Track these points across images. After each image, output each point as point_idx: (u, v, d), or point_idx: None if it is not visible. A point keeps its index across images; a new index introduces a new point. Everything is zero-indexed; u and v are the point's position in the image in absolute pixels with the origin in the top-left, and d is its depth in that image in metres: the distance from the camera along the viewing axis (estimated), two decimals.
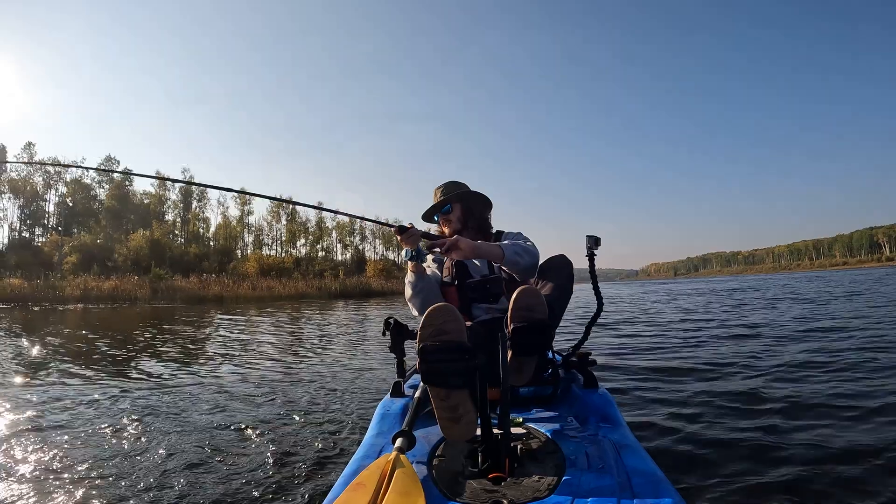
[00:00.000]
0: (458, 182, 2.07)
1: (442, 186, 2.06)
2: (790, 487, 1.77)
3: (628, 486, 1.09)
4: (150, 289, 24.40)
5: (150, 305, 21.00)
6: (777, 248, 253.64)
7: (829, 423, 2.40)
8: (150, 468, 2.12)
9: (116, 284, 24.85)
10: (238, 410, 3.04)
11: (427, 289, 1.82)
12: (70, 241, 39.19)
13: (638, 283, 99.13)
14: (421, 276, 1.81)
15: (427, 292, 1.81)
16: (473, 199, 2.03)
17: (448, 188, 2.04)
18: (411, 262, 1.78)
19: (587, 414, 1.57)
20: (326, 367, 4.62)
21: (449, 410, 1.25)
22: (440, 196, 2.02)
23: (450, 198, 1.99)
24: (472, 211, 2.01)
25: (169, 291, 24.68)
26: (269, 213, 63.21)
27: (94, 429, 2.71)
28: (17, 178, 46.35)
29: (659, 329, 6.82)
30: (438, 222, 2.07)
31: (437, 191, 2.06)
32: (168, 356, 5.81)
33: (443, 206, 2.00)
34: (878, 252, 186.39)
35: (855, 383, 3.12)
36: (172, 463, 2.17)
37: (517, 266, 1.73)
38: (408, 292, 1.83)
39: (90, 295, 22.95)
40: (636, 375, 3.70)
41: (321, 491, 1.81)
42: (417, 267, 1.80)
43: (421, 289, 1.81)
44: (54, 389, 3.73)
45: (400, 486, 1.02)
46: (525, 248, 1.74)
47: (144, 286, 24.79)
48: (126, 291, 23.92)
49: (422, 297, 1.80)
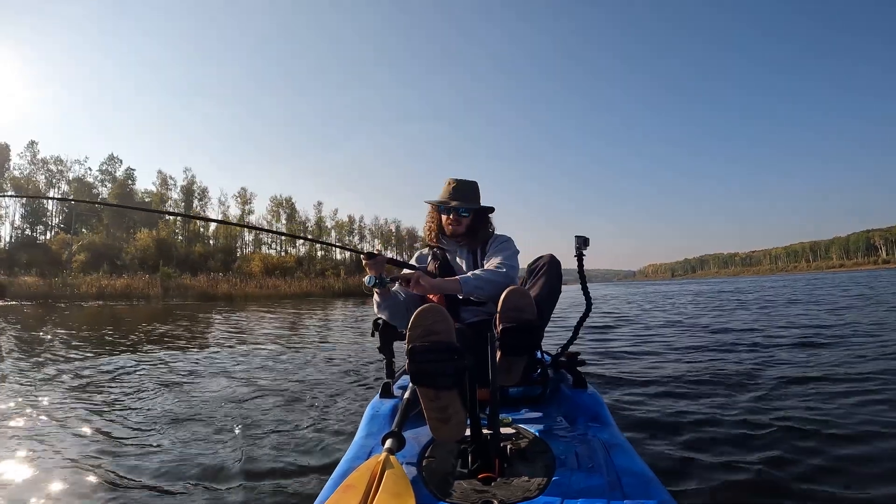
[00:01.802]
0: (472, 183, 2.05)
1: (456, 182, 2.02)
2: (780, 486, 1.79)
3: (618, 486, 1.10)
4: (161, 287, 25.36)
5: (165, 303, 21.82)
6: (774, 250, 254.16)
7: (820, 424, 2.43)
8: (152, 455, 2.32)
9: (128, 283, 25.87)
10: (227, 411, 3.06)
11: (393, 305, 1.84)
12: (79, 240, 39.99)
13: (635, 283, 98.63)
14: (385, 297, 1.82)
15: (394, 308, 1.84)
16: (485, 216, 2.05)
17: (465, 189, 2.01)
18: (376, 289, 1.79)
19: (576, 414, 1.58)
20: (317, 367, 4.68)
21: (438, 411, 1.25)
22: (452, 192, 2.00)
23: (471, 207, 1.99)
24: (479, 225, 2.02)
25: (180, 290, 25.73)
26: (269, 213, 64.20)
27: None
28: (19, 177, 47.11)
29: (648, 330, 6.93)
30: (443, 213, 2.02)
31: (449, 182, 2.03)
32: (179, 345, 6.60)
33: (462, 209, 1.99)
34: (874, 254, 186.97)
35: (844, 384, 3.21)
36: (161, 459, 2.24)
37: (479, 297, 1.78)
38: (374, 309, 1.87)
39: (104, 293, 23.93)
40: (625, 375, 3.74)
41: (311, 493, 1.80)
42: (382, 293, 1.81)
43: (387, 305, 1.83)
44: (136, 366, 4.65)
45: (390, 488, 1.03)
46: (487, 279, 1.72)
47: (155, 284, 25.81)
48: (138, 289, 24.92)
49: (389, 312, 1.84)
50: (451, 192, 2.00)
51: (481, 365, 1.35)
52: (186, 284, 26.90)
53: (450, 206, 1.97)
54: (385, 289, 1.79)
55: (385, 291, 1.81)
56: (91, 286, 24.45)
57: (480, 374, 1.34)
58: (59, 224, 49.23)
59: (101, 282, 25.50)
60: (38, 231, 48.58)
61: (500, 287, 1.58)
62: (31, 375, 4.30)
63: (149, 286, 25.58)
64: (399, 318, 1.84)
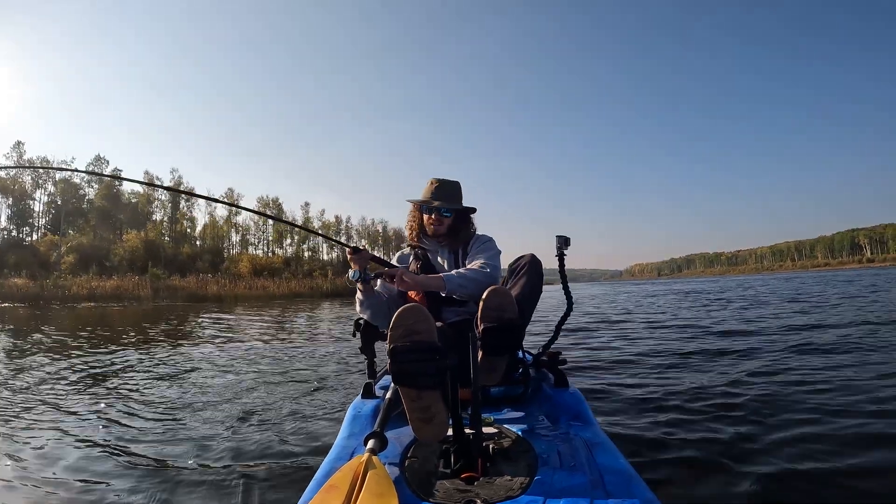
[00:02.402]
0: (455, 183, 2.07)
1: (439, 182, 2.03)
2: (762, 484, 1.79)
3: (601, 484, 1.10)
4: (150, 288, 25.91)
5: (155, 304, 22.30)
6: (759, 250, 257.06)
7: (802, 420, 2.46)
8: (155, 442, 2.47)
9: (118, 284, 26.39)
10: (208, 412, 3.08)
11: (375, 304, 1.86)
12: (67, 241, 40.13)
13: (619, 283, 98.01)
14: (368, 294, 1.85)
15: (376, 306, 1.86)
16: (467, 216, 2.06)
17: (447, 189, 2.03)
18: (360, 283, 1.81)
19: (558, 413, 1.58)
20: (300, 367, 4.74)
21: (420, 411, 1.26)
22: (434, 192, 2.02)
23: (453, 207, 2.00)
24: (461, 226, 2.03)
25: (169, 291, 26.30)
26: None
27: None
28: (5, 178, 47.01)
29: (630, 328, 7.05)
30: (425, 213, 2.03)
31: (431, 182, 2.04)
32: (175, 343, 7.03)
33: (444, 209, 2.00)
34: (858, 253, 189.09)
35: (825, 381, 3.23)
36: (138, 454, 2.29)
37: (461, 296, 1.79)
38: (357, 307, 1.90)
39: (95, 294, 24.40)
40: (607, 374, 3.75)
41: (294, 494, 1.78)
42: (365, 287, 1.83)
43: (370, 304, 1.86)
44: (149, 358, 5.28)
45: (373, 488, 1.03)
46: (470, 278, 1.75)
47: (145, 285, 26.35)
48: (128, 291, 25.45)
49: (371, 311, 1.87)
50: (434, 191, 2.02)
51: (463, 365, 1.38)
52: (176, 285, 27.52)
53: (432, 206, 1.99)
54: (368, 284, 1.83)
55: (368, 288, 1.84)
56: (82, 287, 24.93)
57: (462, 373, 1.36)
58: (45, 225, 49.18)
59: (91, 283, 26.04)
60: (23, 232, 48.51)
61: (482, 286, 1.61)
62: (42, 371, 4.64)
63: (138, 287, 26.08)
64: (381, 318, 1.87)
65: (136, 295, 25.00)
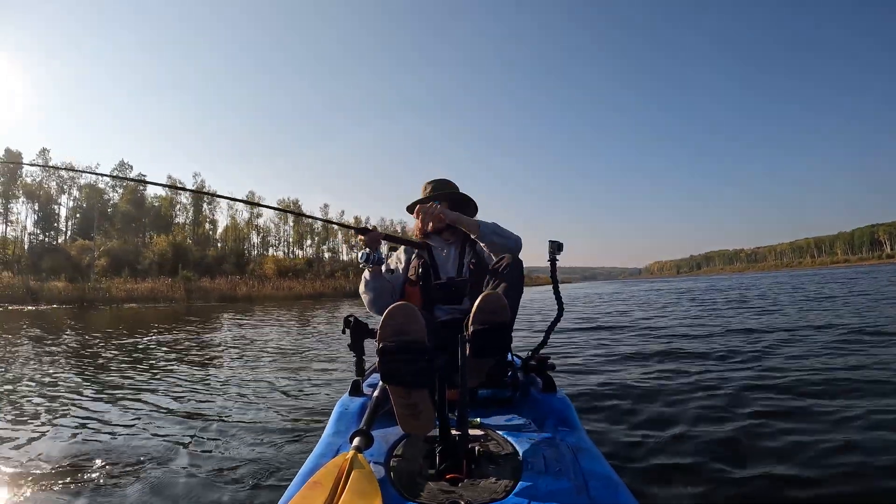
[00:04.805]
0: (448, 181, 2.10)
1: (432, 182, 2.08)
2: (745, 490, 1.80)
3: (585, 490, 1.11)
4: (184, 290, 26.74)
5: (190, 304, 23.10)
6: (779, 246, 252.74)
7: (788, 424, 2.45)
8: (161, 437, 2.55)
9: (153, 286, 27.27)
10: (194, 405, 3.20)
11: (380, 287, 1.88)
12: (100, 244, 41.38)
13: (633, 281, 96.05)
14: (376, 276, 1.87)
15: (380, 290, 1.88)
16: (461, 201, 2.07)
17: (438, 185, 2.07)
18: (368, 265, 1.83)
19: (545, 417, 1.58)
20: (291, 363, 4.83)
21: (409, 408, 1.27)
22: (429, 192, 2.06)
23: (439, 195, 2.02)
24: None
25: (201, 292, 27.12)
26: (278, 215, 65.58)
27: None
28: (31, 183, 48.53)
29: (621, 333, 6.93)
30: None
31: (426, 185, 2.09)
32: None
33: (431, 201, 2.00)
34: (878, 249, 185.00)
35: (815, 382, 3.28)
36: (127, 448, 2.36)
37: (493, 246, 1.82)
38: (361, 287, 1.91)
39: (133, 295, 25.30)
40: (595, 380, 3.74)
41: (277, 489, 1.80)
42: (375, 269, 1.85)
43: (374, 287, 1.87)
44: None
45: (357, 486, 1.03)
46: (502, 233, 1.82)
47: (178, 287, 27.18)
48: (162, 293, 26.33)
49: (374, 294, 1.88)
50: (429, 191, 2.09)
51: (452, 365, 1.37)
52: (207, 287, 28.40)
53: (421, 202, 2.03)
54: (377, 266, 1.86)
55: (377, 269, 1.87)
56: (120, 289, 25.83)
57: (450, 374, 1.37)
58: (72, 228, 50.65)
59: (127, 285, 26.98)
60: (49, 236, 49.97)
61: (510, 243, 1.78)
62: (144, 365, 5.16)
63: (171, 289, 26.96)
64: (382, 303, 1.86)
65: (171, 296, 25.87)
